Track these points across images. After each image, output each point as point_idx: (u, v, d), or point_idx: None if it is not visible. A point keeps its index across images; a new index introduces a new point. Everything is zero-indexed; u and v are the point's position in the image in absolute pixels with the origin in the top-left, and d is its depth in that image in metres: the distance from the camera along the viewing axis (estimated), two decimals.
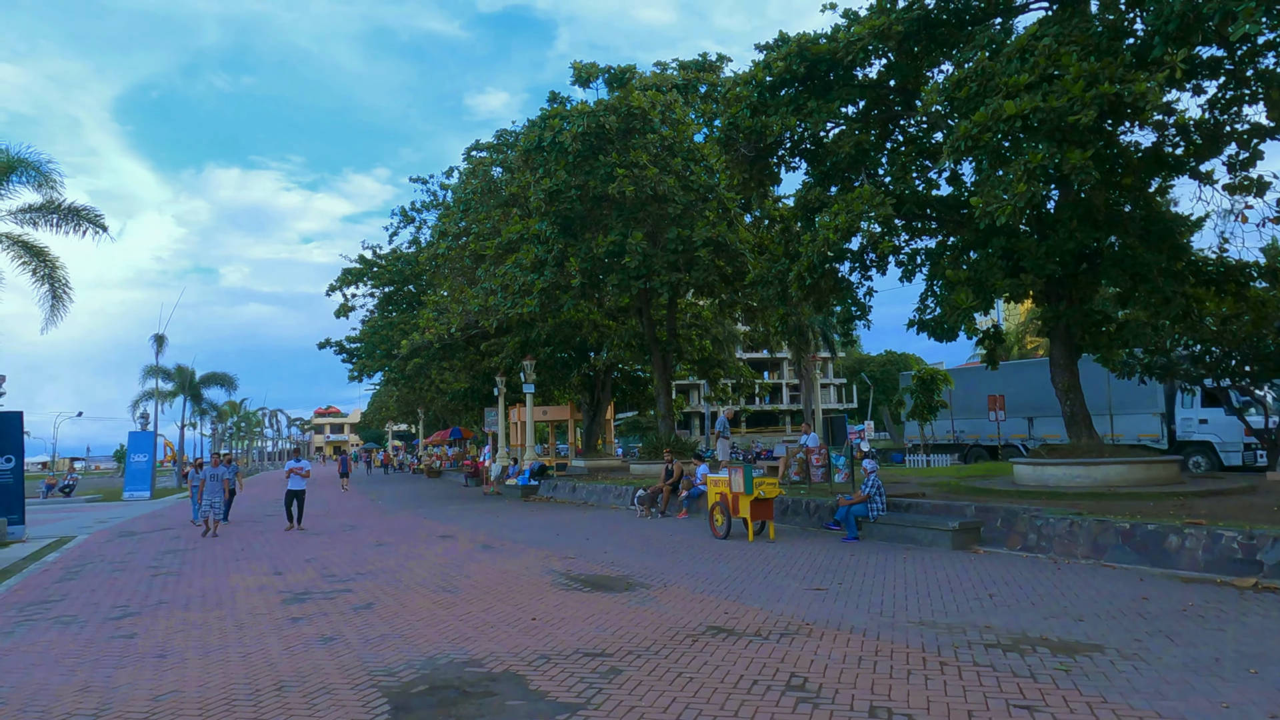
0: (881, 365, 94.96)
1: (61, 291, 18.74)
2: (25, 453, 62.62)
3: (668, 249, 21.27)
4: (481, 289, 25.59)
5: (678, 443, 25.82)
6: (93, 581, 11.36)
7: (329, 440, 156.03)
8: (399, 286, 45.36)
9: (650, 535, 13.99)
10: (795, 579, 9.30)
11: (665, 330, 27.35)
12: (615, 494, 20.20)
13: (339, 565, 11.89)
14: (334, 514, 21.78)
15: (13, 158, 17.54)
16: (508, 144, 28.41)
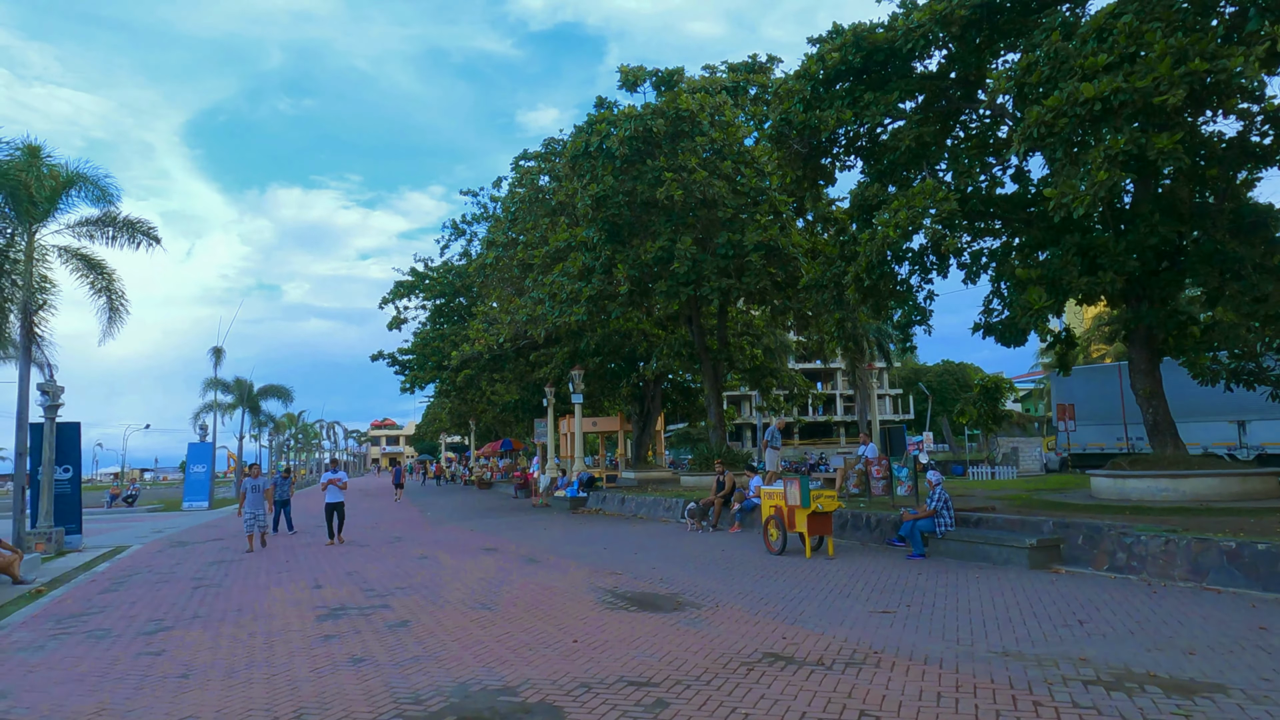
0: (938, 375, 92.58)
1: (119, 304, 18.94)
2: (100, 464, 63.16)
3: (718, 254, 20.68)
4: (529, 298, 25.36)
5: (729, 454, 25.11)
6: (134, 593, 11.21)
7: (385, 452, 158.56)
8: (450, 299, 45.66)
9: (701, 550, 13.36)
10: (858, 600, 8.59)
11: (716, 339, 26.73)
12: (665, 506, 19.60)
13: (379, 579, 11.54)
14: (382, 526, 21.62)
15: (71, 172, 17.82)
16: (555, 153, 28.19)
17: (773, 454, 20.25)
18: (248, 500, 16.25)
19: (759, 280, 20.65)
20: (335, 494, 16.78)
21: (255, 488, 16.40)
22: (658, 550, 13.57)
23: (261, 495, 16.42)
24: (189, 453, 35.80)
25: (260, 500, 16.33)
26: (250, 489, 16.38)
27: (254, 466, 17.94)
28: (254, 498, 16.24)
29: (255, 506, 16.18)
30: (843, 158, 16.84)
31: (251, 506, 16.18)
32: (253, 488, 16.39)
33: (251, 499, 16.22)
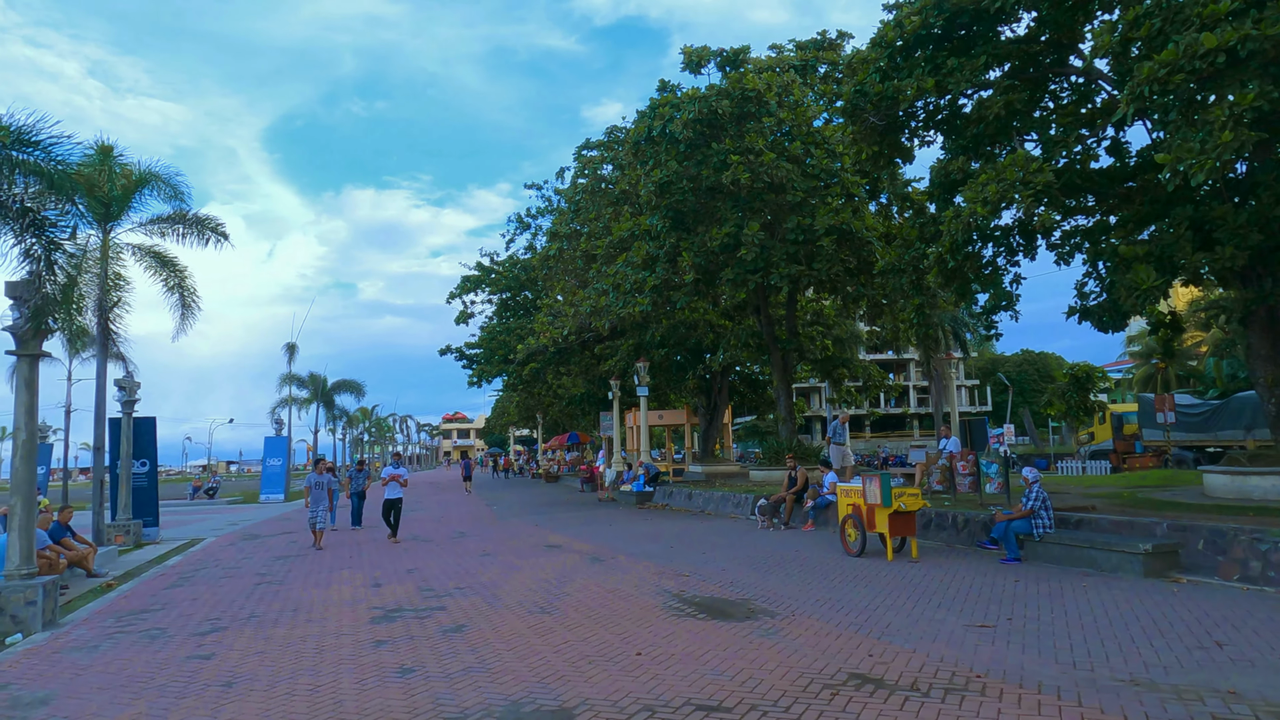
0: (1017, 365, 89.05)
1: (190, 301, 19.22)
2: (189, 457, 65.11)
3: (787, 240, 19.80)
4: (593, 290, 24.92)
5: (800, 448, 24.21)
6: (197, 589, 11.13)
7: (456, 445, 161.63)
8: (515, 293, 45.73)
9: (773, 550, 12.64)
10: (951, 611, 7.77)
11: (785, 329, 25.81)
12: (734, 502, 18.89)
13: (439, 577, 11.20)
14: (448, 520, 21.50)
15: (144, 171, 18.10)
16: (618, 141, 27.68)
17: (837, 450, 19.33)
18: (312, 496, 15.78)
19: (830, 266, 19.68)
20: (394, 490, 16.09)
21: (319, 484, 15.85)
22: (727, 549, 12.91)
23: (324, 492, 15.87)
24: (265, 447, 36.67)
25: (323, 497, 15.79)
26: (314, 485, 15.85)
27: (320, 461, 17.31)
28: (317, 494, 15.73)
29: (317, 502, 15.68)
30: (921, 132, 15.78)
31: (315, 502, 15.69)
32: (316, 484, 15.85)
33: (315, 495, 15.72)
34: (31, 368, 9.02)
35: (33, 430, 8.96)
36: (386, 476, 16.23)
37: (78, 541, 13.43)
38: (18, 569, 8.71)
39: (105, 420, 17.52)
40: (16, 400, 8.94)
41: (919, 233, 15.78)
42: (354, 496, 19.99)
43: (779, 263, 19.59)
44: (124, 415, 18.53)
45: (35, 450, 9.03)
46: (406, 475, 16.57)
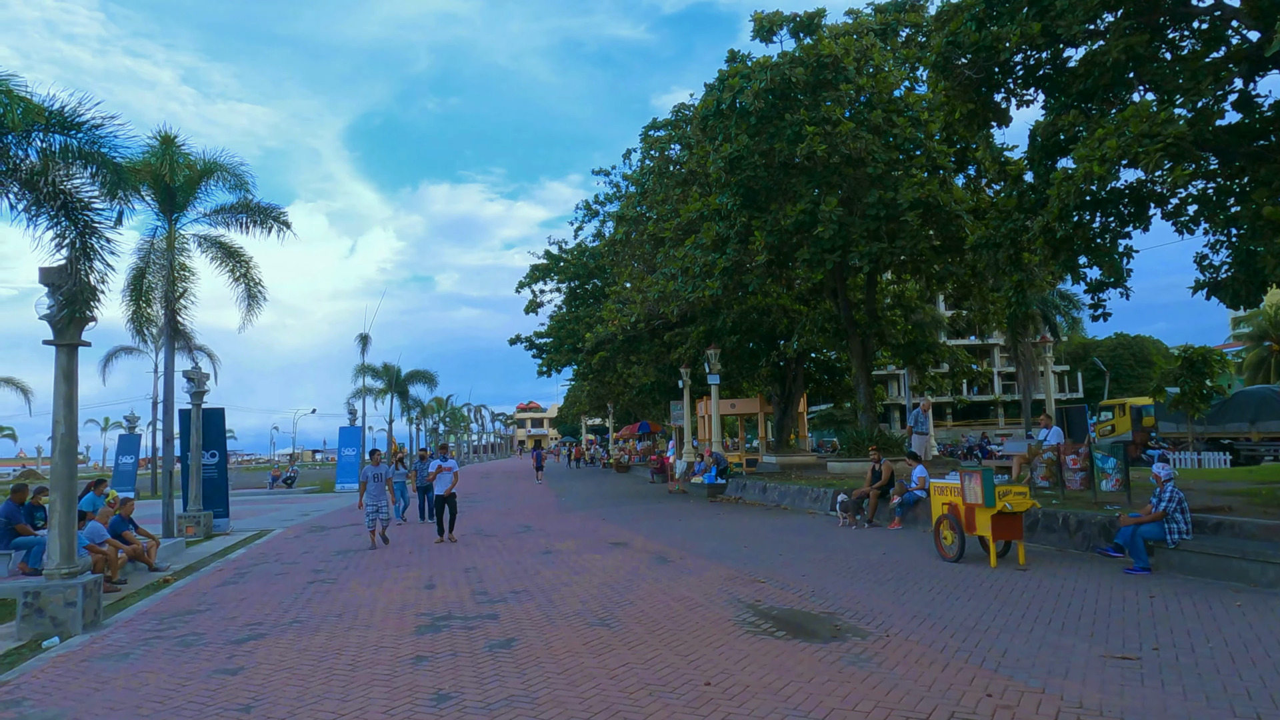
0: (1110, 350, 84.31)
1: (256, 291, 19.10)
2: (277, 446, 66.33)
3: (867, 216, 18.43)
4: (660, 274, 24.01)
5: (883, 438, 22.81)
6: (249, 588, 10.71)
7: (530, 434, 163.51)
8: (584, 281, 45.17)
9: (857, 551, 11.51)
10: (1079, 635, 6.58)
11: (864, 312, 24.37)
12: (812, 497, 17.74)
13: (496, 579, 10.49)
14: (515, 513, 20.98)
15: (209, 162, 17.99)
16: (685, 119, 26.60)
17: (919, 439, 17.95)
18: (369, 490, 14.37)
19: (915, 243, 18.20)
20: (443, 486, 14.58)
21: (377, 476, 14.50)
22: (806, 550, 11.84)
23: (384, 485, 14.57)
24: (340, 436, 37.09)
25: (382, 490, 14.46)
26: (371, 477, 14.48)
27: (375, 453, 15.64)
28: (375, 488, 14.38)
29: (377, 497, 14.31)
30: (1020, 91, 14.28)
31: (373, 498, 14.30)
32: (374, 476, 14.48)
33: (373, 489, 14.37)
34: (70, 358, 8.63)
35: (72, 424, 8.57)
36: (433, 470, 14.99)
37: (140, 535, 13.28)
38: (58, 568, 8.34)
39: (174, 411, 17.53)
40: (56, 392, 8.56)
41: (1017, 202, 14.29)
42: (421, 491, 18.47)
43: (858, 240, 18.24)
44: (193, 406, 18.54)
45: (75, 445, 8.65)
46: (456, 467, 15.02)
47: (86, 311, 8.66)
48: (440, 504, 14.63)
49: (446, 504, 14.59)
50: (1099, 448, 11.65)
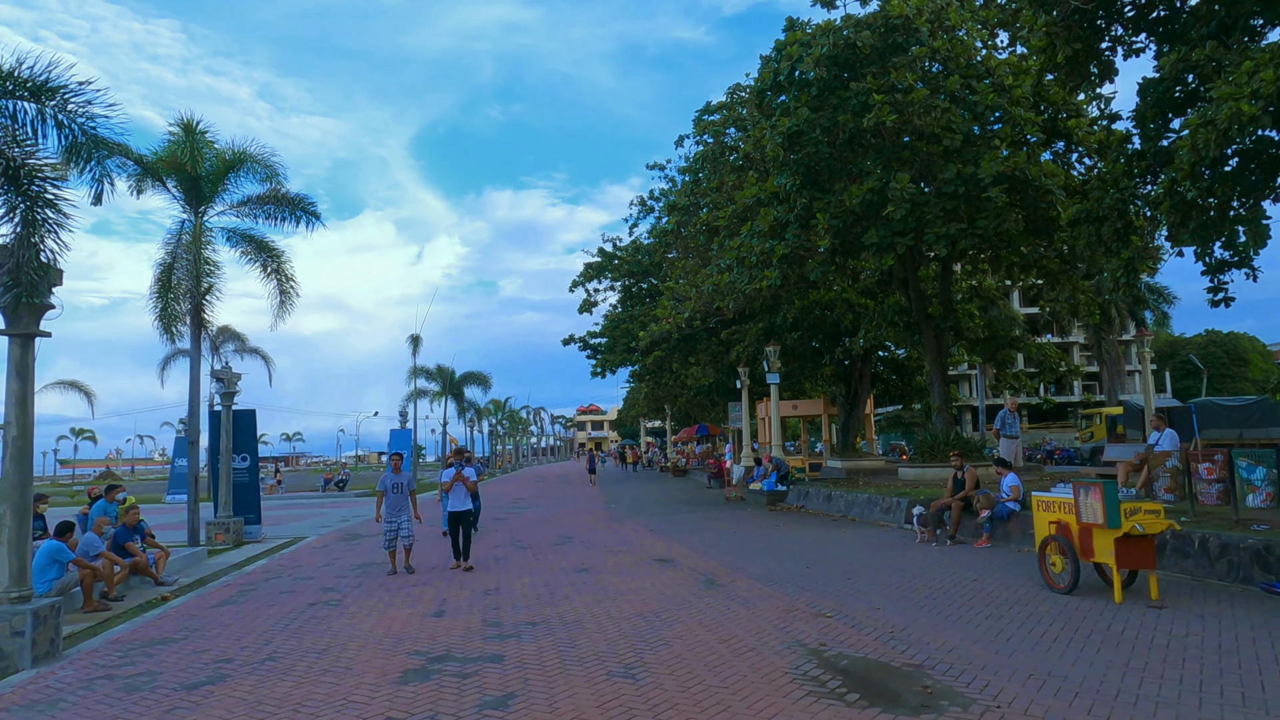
0: (1201, 348, 79.01)
1: (289, 287, 18.22)
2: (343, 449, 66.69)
3: (943, 193, 16.50)
4: (714, 266, 22.42)
5: (962, 441, 20.75)
6: (244, 610, 9.55)
7: (590, 437, 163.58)
8: (638, 279, 43.79)
9: (942, 576, 9.74)
10: (1267, 710, 4.79)
11: (938, 304, 22.32)
12: (883, 507, 15.90)
13: (516, 605, 9.09)
14: (558, 521, 19.65)
15: (238, 152, 17.16)
16: (740, 101, 24.95)
17: (1007, 444, 15.90)
18: (387, 502, 11.96)
19: (999, 223, 16.18)
20: (461, 499, 11.98)
21: (397, 486, 11.99)
22: (879, 573, 10.11)
23: (406, 496, 11.99)
24: (390, 439, 36.48)
25: (404, 503, 11.96)
26: (390, 487, 12.00)
27: (396, 457, 12.87)
28: (395, 500, 11.95)
29: (396, 512, 11.88)
30: (1129, 37, 12.28)
31: (392, 512, 11.89)
32: (393, 486, 12.00)
33: (392, 501, 11.94)
34: (24, 350, 7.54)
35: (25, 425, 7.48)
36: (447, 480, 12.32)
37: (148, 546, 12.34)
38: (6, 591, 7.24)
39: (199, 413, 16.71)
40: (7, 389, 7.49)
41: (1126, 167, 12.29)
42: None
43: (934, 221, 16.32)
44: (223, 408, 17.76)
45: (29, 449, 7.56)
46: (475, 475, 12.53)
47: (42, 298, 7.55)
48: (454, 523, 12.07)
49: (460, 523, 12.04)
50: (1245, 455, 9.60)
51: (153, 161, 16.55)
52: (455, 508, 12.06)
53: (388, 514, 11.96)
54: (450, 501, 12.18)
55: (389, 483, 12.15)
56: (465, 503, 12.11)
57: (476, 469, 16.62)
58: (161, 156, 16.42)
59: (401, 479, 12.17)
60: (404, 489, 12.10)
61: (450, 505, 12.16)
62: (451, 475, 12.25)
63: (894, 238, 16.71)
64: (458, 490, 12.08)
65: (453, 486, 12.16)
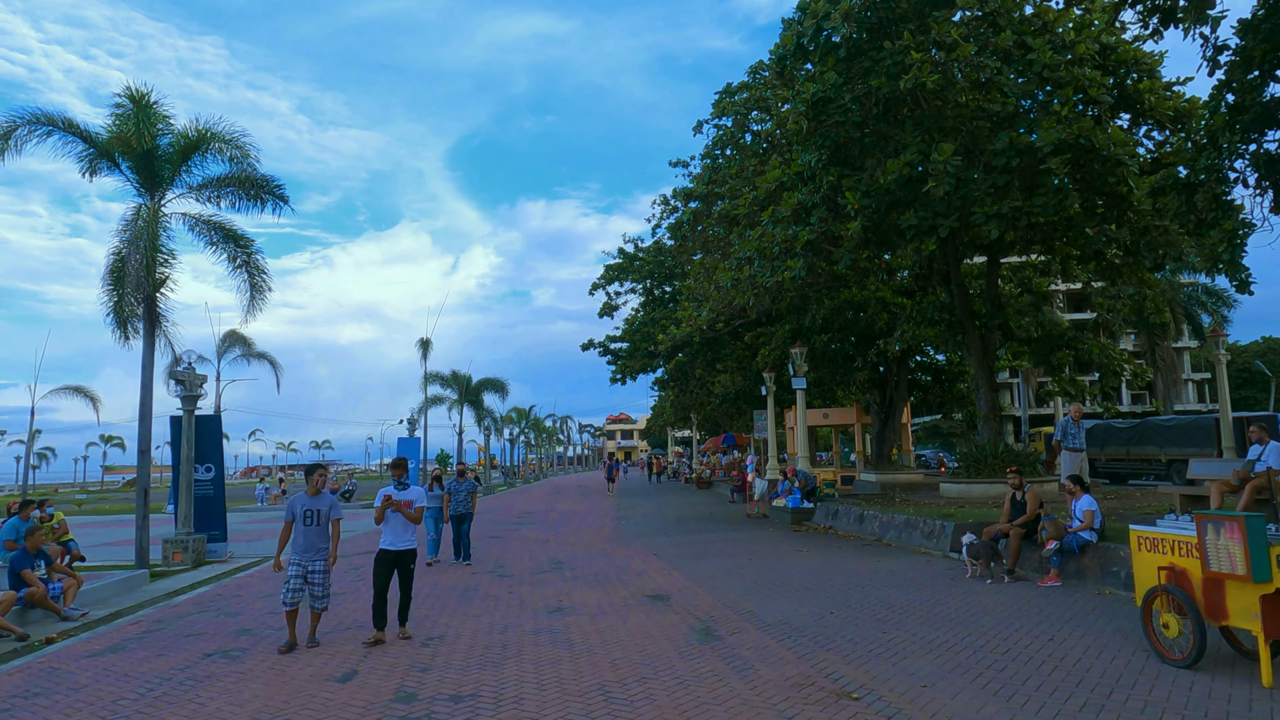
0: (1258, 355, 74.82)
1: (259, 280, 16.54)
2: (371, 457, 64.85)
3: (993, 167, 14.26)
4: (734, 259, 20.32)
5: (1015, 455, 18.38)
6: (119, 662, 7.67)
7: (620, 446, 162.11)
8: (660, 281, 41.76)
9: (1006, 631, 7.53)
10: None
11: (984, 301, 19.99)
12: (924, 531, 13.64)
13: (449, 665, 7.08)
14: (556, 541, 17.65)
15: (202, 130, 15.50)
16: (763, 81, 22.86)
17: (1071, 457, 13.50)
18: (295, 537, 8.07)
19: (1060, 200, 13.87)
20: (397, 535, 8.24)
21: (312, 513, 8.10)
22: (924, 623, 7.93)
23: (325, 530, 8.17)
24: (398, 448, 34.83)
25: (320, 540, 8.11)
26: (302, 515, 8.07)
27: (318, 471, 8.64)
28: (308, 534, 8.03)
29: (308, 551, 8.01)
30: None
31: (302, 550, 8.00)
32: (306, 513, 8.08)
33: (304, 535, 8.02)
34: None
35: None
36: (382, 500, 8.28)
37: (59, 572, 10.59)
38: None
39: (150, 418, 15.00)
40: None
41: (1227, 119, 10.01)
42: (455, 520, 13.83)
43: (982, 199, 14.07)
44: (184, 413, 16.03)
45: None
46: (423, 501, 8.59)
47: None
48: (383, 568, 8.11)
49: (395, 569, 8.17)
50: None
51: (105, 141, 14.99)
52: (388, 546, 8.20)
53: (295, 554, 7.97)
54: (384, 537, 8.28)
55: (299, 508, 8.07)
56: (403, 539, 8.21)
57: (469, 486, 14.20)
58: (114, 134, 14.81)
59: (320, 503, 8.18)
60: (322, 519, 8.13)
61: (383, 543, 8.26)
62: (385, 498, 8.24)
63: (935, 219, 14.49)
64: (393, 522, 8.28)
65: (384, 515, 8.27)
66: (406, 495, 8.45)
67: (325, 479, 8.65)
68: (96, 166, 15.40)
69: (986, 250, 19.77)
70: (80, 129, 14.71)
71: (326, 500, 8.39)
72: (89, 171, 15.50)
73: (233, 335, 38.34)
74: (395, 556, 8.21)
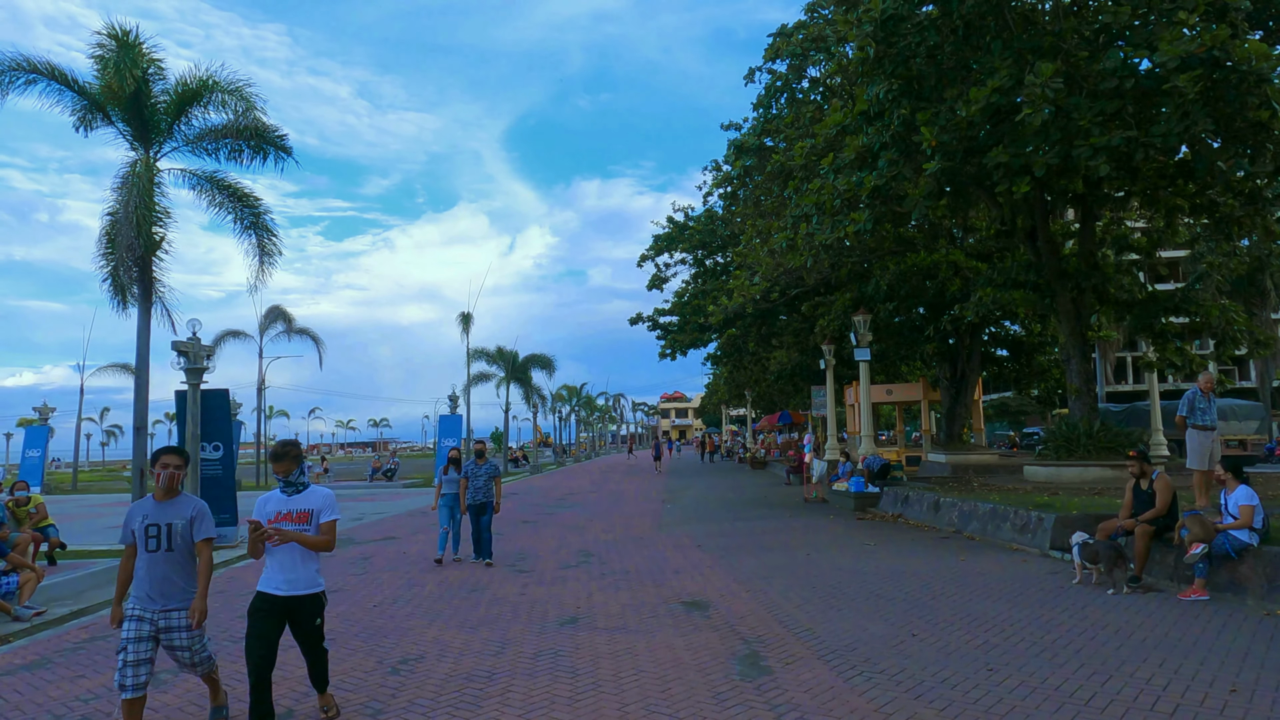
0: None
1: (268, 243, 15.19)
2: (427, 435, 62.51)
3: (1101, 91, 11.93)
4: (789, 217, 18.25)
5: (1111, 433, 16.09)
6: (23, 684, 6.27)
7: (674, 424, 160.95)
8: (711, 251, 39.65)
9: (1165, 675, 5.55)
10: None
11: (1078, 258, 17.56)
12: (1016, 524, 11.56)
13: (425, 699, 5.46)
14: (593, 527, 16.05)
15: (202, 80, 14.12)
16: (824, 19, 20.55)
17: (1199, 437, 11.07)
18: (138, 576, 4.80)
19: (1187, 126, 11.47)
20: (289, 570, 4.85)
21: (159, 530, 4.80)
22: (1040, 657, 5.99)
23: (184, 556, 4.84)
24: (440, 426, 33.59)
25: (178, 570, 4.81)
26: (142, 532, 4.79)
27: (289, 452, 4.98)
28: (161, 563, 4.77)
29: (153, 597, 4.75)
30: None
31: (145, 599, 4.76)
32: (149, 530, 4.79)
33: (147, 574, 4.76)
34: None
35: None
36: (264, 519, 4.84)
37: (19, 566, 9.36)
38: None
39: (146, 393, 13.78)
40: None
41: None
42: (473, 511, 11.58)
43: (1089, 128, 11.76)
44: (189, 388, 14.82)
45: None
46: (333, 513, 5.00)
47: None
48: (265, 624, 4.79)
49: (290, 627, 4.94)
50: None
51: (97, 91, 13.72)
52: (273, 586, 4.84)
53: (134, 599, 4.80)
54: (265, 570, 4.91)
55: (138, 522, 4.83)
56: (298, 576, 4.85)
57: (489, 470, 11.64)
58: (104, 84, 13.50)
59: (174, 514, 4.86)
60: (178, 540, 4.82)
61: (263, 578, 4.91)
62: (268, 512, 4.89)
63: (1029, 156, 12.23)
64: (282, 555, 4.86)
65: (258, 538, 4.75)
66: (301, 504, 4.91)
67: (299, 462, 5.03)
68: (90, 120, 14.16)
69: (1081, 202, 17.32)
70: (68, 78, 13.44)
71: (187, 508, 4.90)
72: (83, 126, 14.29)
73: (275, 311, 37.72)
74: (284, 606, 4.79)
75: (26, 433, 34.87)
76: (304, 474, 5.10)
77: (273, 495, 5.06)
